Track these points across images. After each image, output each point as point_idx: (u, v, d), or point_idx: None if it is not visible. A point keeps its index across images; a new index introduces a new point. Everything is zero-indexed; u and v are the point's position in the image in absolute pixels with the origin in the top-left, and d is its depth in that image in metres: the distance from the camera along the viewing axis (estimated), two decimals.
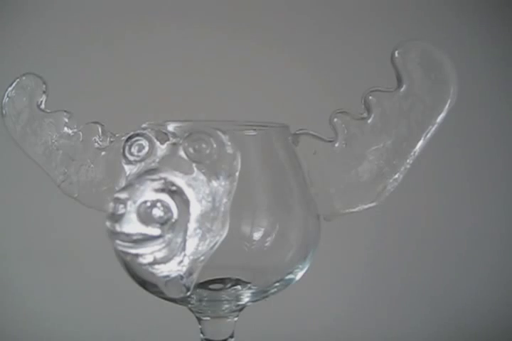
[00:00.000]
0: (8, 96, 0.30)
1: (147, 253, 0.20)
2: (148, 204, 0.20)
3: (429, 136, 0.26)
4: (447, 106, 0.25)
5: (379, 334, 0.58)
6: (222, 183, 0.22)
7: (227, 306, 0.28)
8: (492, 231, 0.61)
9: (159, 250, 0.20)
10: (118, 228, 0.20)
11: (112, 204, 0.20)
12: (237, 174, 0.22)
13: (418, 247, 0.60)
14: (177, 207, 0.20)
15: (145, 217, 0.20)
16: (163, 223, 0.20)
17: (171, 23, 0.61)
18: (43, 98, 0.30)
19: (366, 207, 0.27)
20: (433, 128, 0.26)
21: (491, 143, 0.61)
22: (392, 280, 0.60)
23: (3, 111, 0.30)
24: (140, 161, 0.23)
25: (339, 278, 0.60)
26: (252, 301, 0.28)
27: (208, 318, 0.28)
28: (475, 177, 0.61)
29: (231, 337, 0.29)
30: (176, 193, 0.21)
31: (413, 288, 0.60)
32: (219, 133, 0.22)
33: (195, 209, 0.21)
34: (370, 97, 0.26)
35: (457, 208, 0.61)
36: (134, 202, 0.20)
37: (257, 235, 0.26)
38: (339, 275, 0.60)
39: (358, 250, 0.60)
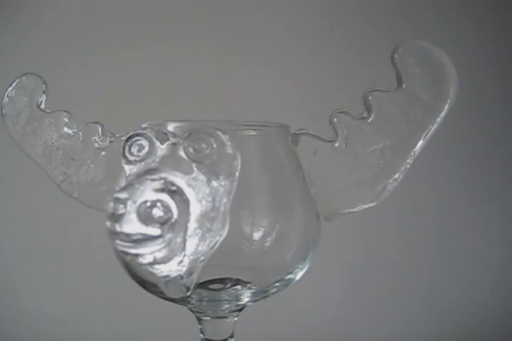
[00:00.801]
0: (8, 96, 0.30)
1: (147, 253, 0.20)
2: (148, 204, 0.20)
3: (429, 136, 0.26)
4: (447, 106, 0.25)
5: (379, 334, 0.58)
6: (222, 183, 0.22)
7: (227, 306, 0.28)
8: (492, 230, 0.61)
9: (159, 250, 0.20)
10: (118, 228, 0.20)
11: (112, 204, 0.20)
12: (237, 174, 0.22)
13: (418, 247, 0.60)
14: (177, 207, 0.20)
15: (145, 217, 0.20)
16: (163, 223, 0.20)
17: (172, 23, 0.61)
18: (43, 98, 0.30)
19: (366, 206, 0.27)
20: (433, 128, 0.26)
21: (491, 142, 0.61)
22: (391, 280, 0.60)
23: (3, 111, 0.30)
24: (140, 161, 0.23)
25: (339, 278, 0.60)
26: (252, 301, 0.28)
27: (208, 318, 0.28)
28: (475, 177, 0.61)
29: (231, 337, 0.29)
30: (176, 193, 0.21)
31: (413, 288, 0.60)
32: (219, 133, 0.22)
33: (195, 209, 0.21)
34: (370, 97, 0.26)
35: (457, 208, 0.61)
36: (134, 202, 0.20)
37: (257, 235, 0.26)
38: (339, 275, 0.60)
39: (358, 250, 0.60)
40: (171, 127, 0.26)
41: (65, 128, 0.30)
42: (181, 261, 0.21)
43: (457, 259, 0.60)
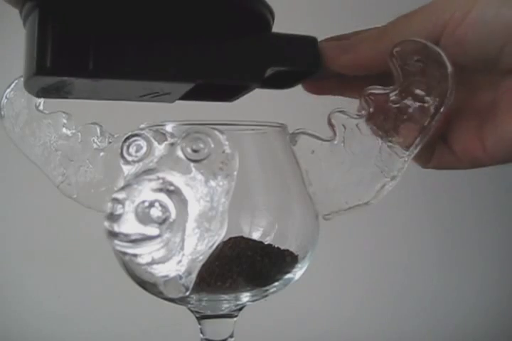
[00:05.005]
0: (6, 98, 0.30)
1: (145, 253, 0.20)
2: (147, 204, 0.20)
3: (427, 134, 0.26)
4: (445, 104, 0.25)
5: (379, 335, 0.58)
6: (221, 183, 0.22)
7: (226, 306, 0.28)
8: (492, 230, 0.61)
9: (157, 250, 0.20)
10: (116, 228, 0.20)
11: (110, 205, 0.20)
12: (235, 173, 0.22)
13: (419, 246, 0.60)
14: (175, 206, 0.20)
15: (143, 217, 0.20)
16: (161, 223, 0.20)
17: None
18: (42, 99, 0.30)
19: (365, 205, 0.27)
20: (432, 127, 0.26)
21: None
22: (392, 280, 0.60)
23: (2, 113, 0.30)
24: (138, 161, 0.23)
25: (338, 277, 0.60)
26: (252, 301, 0.28)
27: (208, 318, 0.28)
28: (474, 177, 0.61)
29: (231, 336, 0.29)
30: (174, 193, 0.21)
31: (414, 289, 0.60)
32: (217, 132, 0.22)
33: (194, 209, 0.21)
34: (368, 96, 0.26)
35: (457, 207, 0.61)
36: (132, 202, 0.20)
37: (255, 235, 0.26)
38: (338, 275, 0.60)
39: (357, 249, 0.60)
40: (168, 127, 0.26)
41: (64, 129, 0.30)
42: (180, 261, 0.21)
43: (459, 259, 0.60)
